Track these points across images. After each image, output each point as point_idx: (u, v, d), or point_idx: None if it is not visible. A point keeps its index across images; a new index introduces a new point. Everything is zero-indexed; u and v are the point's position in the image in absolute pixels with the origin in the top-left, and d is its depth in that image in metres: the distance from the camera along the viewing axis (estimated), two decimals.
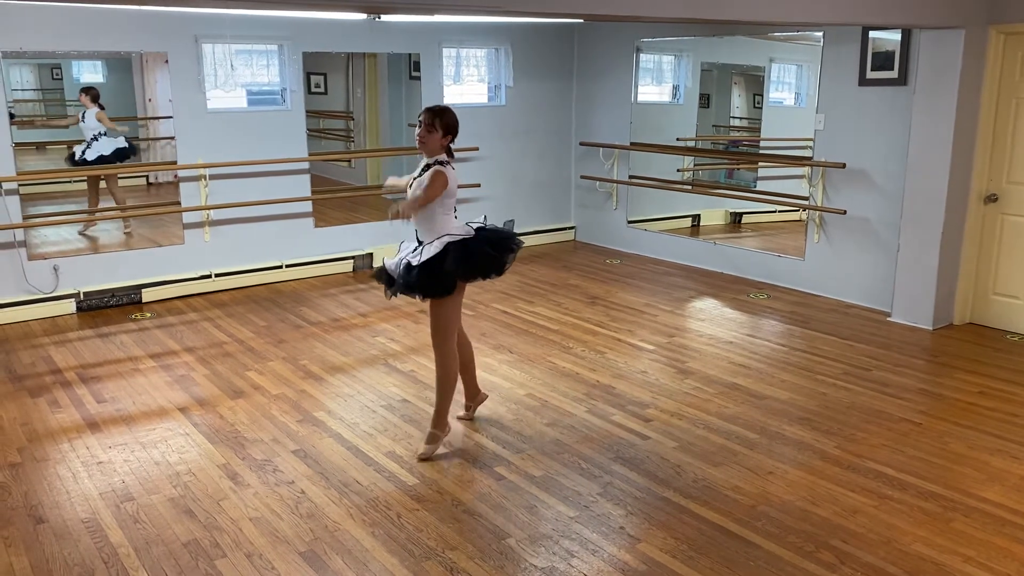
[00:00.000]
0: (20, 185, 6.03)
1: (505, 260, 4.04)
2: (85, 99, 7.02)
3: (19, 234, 6.03)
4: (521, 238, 4.22)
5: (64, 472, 3.84)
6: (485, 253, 3.94)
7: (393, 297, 4.07)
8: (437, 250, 3.85)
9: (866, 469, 3.85)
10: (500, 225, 4.17)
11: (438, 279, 3.85)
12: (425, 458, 3.94)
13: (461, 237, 3.93)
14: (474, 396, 4.40)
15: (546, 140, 8.56)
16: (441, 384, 4.03)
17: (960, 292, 5.92)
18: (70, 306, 6.24)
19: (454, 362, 4.04)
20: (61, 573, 3.07)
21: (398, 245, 4.16)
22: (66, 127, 7.21)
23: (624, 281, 7.21)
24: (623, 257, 8.10)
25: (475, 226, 4.04)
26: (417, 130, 3.90)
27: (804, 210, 6.86)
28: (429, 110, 3.90)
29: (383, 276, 4.06)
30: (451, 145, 3.97)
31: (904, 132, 5.91)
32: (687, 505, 3.53)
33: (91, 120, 6.95)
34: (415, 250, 3.94)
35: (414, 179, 4.00)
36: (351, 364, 5.21)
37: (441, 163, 3.89)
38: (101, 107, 6.96)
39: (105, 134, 6.98)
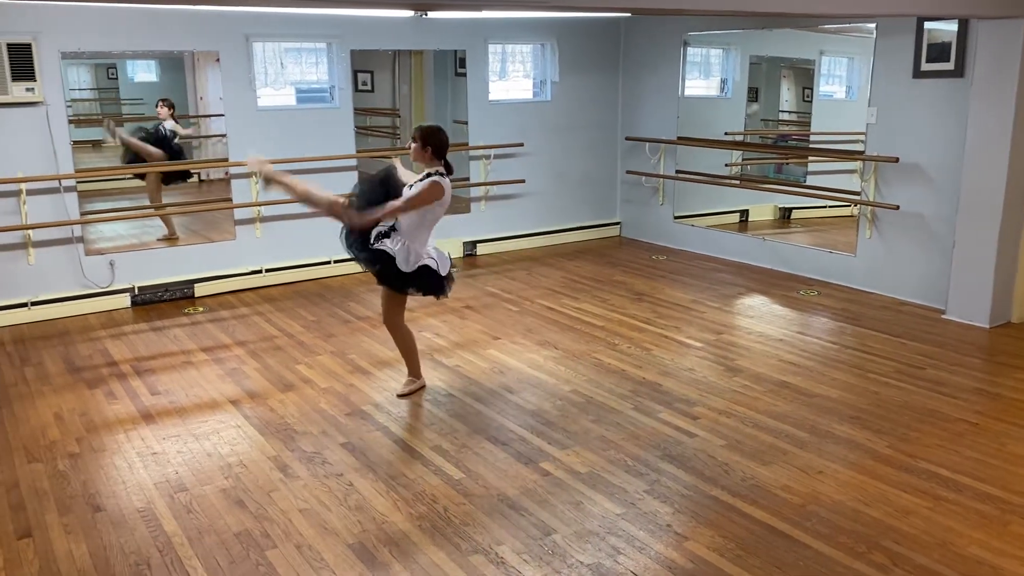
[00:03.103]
0: (78, 182, 6.20)
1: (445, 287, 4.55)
2: (163, 111, 7.14)
3: (77, 230, 6.20)
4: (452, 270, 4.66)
5: (120, 462, 3.94)
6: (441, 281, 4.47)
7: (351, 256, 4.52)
8: (413, 267, 4.31)
9: (920, 470, 3.77)
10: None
11: (399, 281, 4.36)
12: (402, 395, 4.65)
13: (432, 262, 4.37)
14: (414, 374, 4.79)
15: (591, 135, 8.53)
16: (404, 351, 4.69)
17: (1019, 289, 5.76)
18: (125, 300, 6.40)
19: (408, 335, 4.66)
20: (118, 560, 3.16)
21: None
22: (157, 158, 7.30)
23: (671, 277, 7.15)
24: (669, 253, 8.03)
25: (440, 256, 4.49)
26: (411, 146, 4.37)
27: (856, 205, 6.73)
28: (418, 128, 4.35)
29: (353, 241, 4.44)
30: (447, 161, 4.38)
31: (960, 125, 5.76)
32: (735, 504, 3.49)
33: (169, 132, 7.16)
34: (381, 235, 4.34)
35: (410, 185, 4.37)
36: (398, 359, 5.22)
37: (440, 174, 4.28)
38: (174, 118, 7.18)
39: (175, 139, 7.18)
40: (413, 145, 4.34)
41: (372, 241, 4.35)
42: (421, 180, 4.30)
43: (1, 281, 5.96)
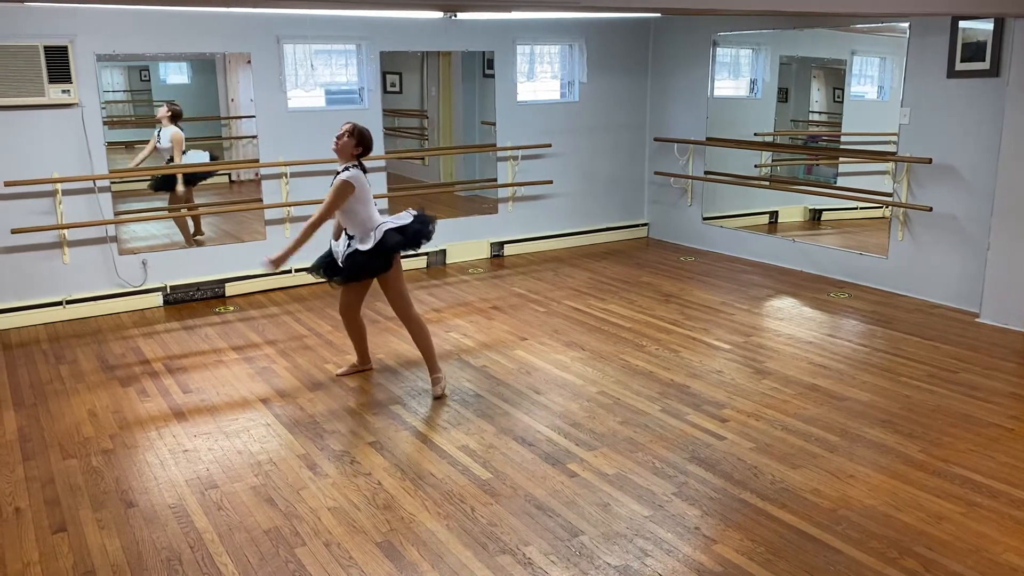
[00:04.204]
0: (112, 183, 6.29)
1: (429, 232, 4.71)
2: (163, 116, 6.92)
3: (111, 230, 6.29)
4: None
5: (152, 459, 3.99)
6: (415, 229, 4.62)
7: (333, 285, 4.76)
8: (378, 238, 4.46)
9: (953, 475, 3.72)
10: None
11: (382, 259, 4.51)
12: (440, 396, 4.66)
13: (393, 225, 4.53)
14: (364, 363, 5.07)
15: (620, 136, 8.51)
16: (423, 345, 4.72)
17: None
18: (157, 299, 6.48)
19: (423, 326, 4.75)
20: (150, 555, 3.20)
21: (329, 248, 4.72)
22: (148, 153, 7.20)
23: (699, 279, 7.11)
24: (697, 254, 7.99)
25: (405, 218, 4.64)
26: (341, 141, 4.50)
27: (887, 207, 6.66)
28: (355, 126, 4.55)
29: (322, 269, 4.68)
30: (362, 159, 4.57)
31: (996, 125, 5.68)
32: (764, 507, 3.47)
33: (166, 140, 6.98)
34: (349, 244, 4.53)
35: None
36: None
37: (348, 170, 4.45)
38: (179, 126, 6.98)
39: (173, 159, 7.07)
40: (345, 140, 4.47)
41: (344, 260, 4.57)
42: (333, 181, 4.46)
43: (37, 280, 6.07)
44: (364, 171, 4.54)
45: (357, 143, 4.50)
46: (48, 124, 5.93)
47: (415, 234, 4.60)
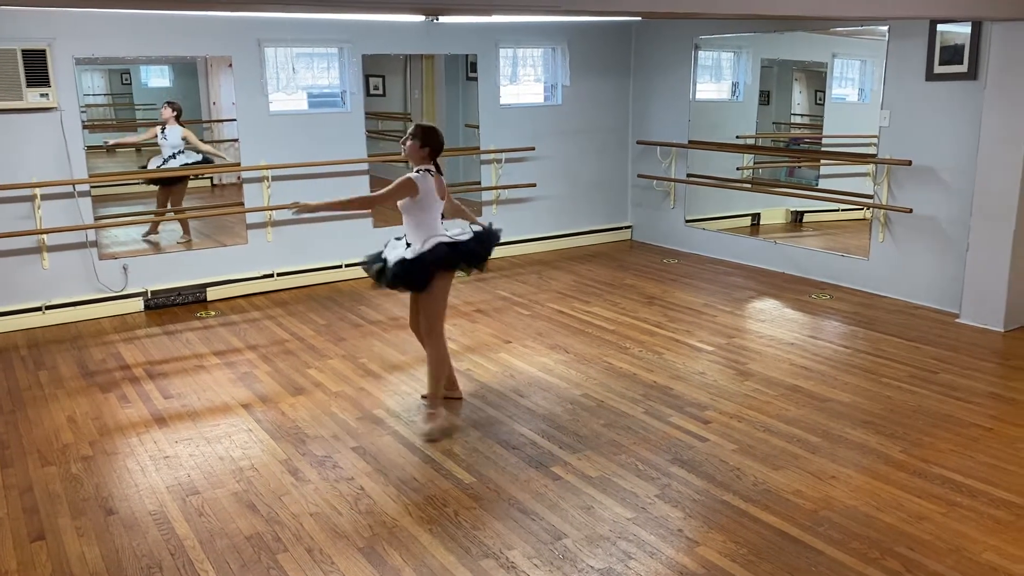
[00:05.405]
0: (92, 187, 6.24)
1: (486, 255, 4.43)
2: (168, 114, 7.06)
3: (91, 234, 6.24)
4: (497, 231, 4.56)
5: (133, 465, 3.96)
6: (469, 249, 4.34)
7: (380, 286, 4.43)
8: (428, 247, 4.20)
9: (933, 475, 3.74)
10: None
11: (420, 272, 4.20)
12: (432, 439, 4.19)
13: (448, 239, 4.29)
14: (452, 389, 4.65)
15: (602, 139, 8.53)
16: (431, 369, 4.35)
17: None
18: (138, 304, 6.43)
19: (440, 351, 4.35)
20: (130, 563, 3.17)
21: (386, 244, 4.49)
22: (141, 143, 7.32)
23: (682, 281, 7.13)
24: (680, 257, 8.02)
25: (457, 233, 4.37)
26: (407, 143, 4.30)
27: (868, 208, 6.70)
28: (418, 127, 4.33)
29: (373, 267, 4.39)
30: (437, 161, 4.34)
31: (974, 128, 5.73)
32: (747, 509, 3.48)
33: (174, 138, 7.08)
34: (407, 248, 4.28)
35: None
36: (409, 362, 5.26)
37: (420, 172, 4.24)
38: (181, 123, 7.09)
39: (183, 152, 7.13)
40: (410, 143, 4.25)
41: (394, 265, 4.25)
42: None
43: (16, 285, 6.01)
44: (439, 172, 4.31)
45: (422, 144, 4.23)
46: (26, 128, 5.87)
47: (467, 253, 4.29)
